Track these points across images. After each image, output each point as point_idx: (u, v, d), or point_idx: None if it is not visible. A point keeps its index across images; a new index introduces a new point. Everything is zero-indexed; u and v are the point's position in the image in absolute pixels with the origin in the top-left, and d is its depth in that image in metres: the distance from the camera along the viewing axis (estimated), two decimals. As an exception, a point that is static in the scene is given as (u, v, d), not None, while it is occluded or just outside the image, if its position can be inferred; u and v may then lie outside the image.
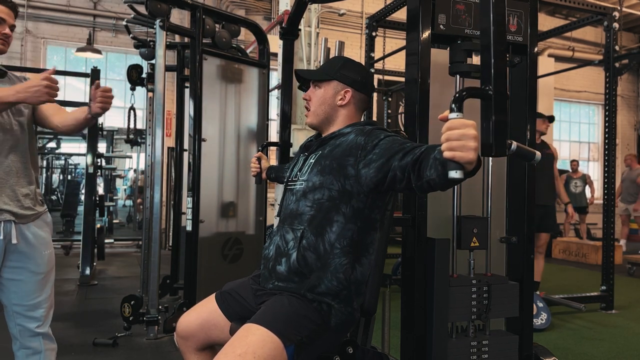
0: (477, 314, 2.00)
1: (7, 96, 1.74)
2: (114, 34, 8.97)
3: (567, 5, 4.49)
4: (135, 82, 4.60)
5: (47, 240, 1.98)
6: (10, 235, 1.86)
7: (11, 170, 1.88)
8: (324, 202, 1.56)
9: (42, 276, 1.95)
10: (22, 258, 1.90)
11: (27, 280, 1.91)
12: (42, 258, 1.95)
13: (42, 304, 1.95)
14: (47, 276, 1.98)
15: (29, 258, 1.91)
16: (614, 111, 4.63)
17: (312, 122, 1.74)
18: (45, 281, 1.97)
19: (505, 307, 2.06)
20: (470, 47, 2.03)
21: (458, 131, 1.11)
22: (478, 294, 2.00)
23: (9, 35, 1.89)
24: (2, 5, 1.87)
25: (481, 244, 2.04)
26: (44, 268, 1.95)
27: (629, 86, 12.77)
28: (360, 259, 1.57)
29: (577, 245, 8.05)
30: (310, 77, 1.76)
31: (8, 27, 1.89)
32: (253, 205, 3.73)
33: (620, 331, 3.96)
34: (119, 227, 9.40)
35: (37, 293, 1.94)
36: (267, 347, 1.38)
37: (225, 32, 3.63)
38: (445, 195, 1.98)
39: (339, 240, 1.54)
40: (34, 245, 1.92)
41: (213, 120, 3.53)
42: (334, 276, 1.52)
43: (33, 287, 1.93)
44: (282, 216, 1.67)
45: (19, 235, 1.89)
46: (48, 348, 1.99)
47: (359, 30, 9.88)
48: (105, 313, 4.08)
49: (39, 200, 1.99)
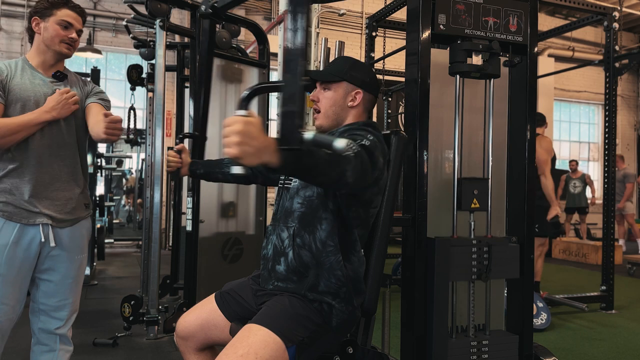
0: (478, 274, 2.00)
1: (40, 116, 1.85)
2: (114, 34, 8.97)
3: (567, 5, 4.49)
4: (135, 82, 4.61)
5: (82, 245, 2.02)
6: (48, 238, 1.90)
7: (57, 175, 1.93)
8: (314, 200, 1.56)
9: (71, 280, 1.98)
10: (55, 260, 1.94)
11: (57, 282, 1.95)
12: (73, 262, 1.98)
13: (66, 307, 1.99)
14: (76, 280, 2.01)
15: (61, 262, 1.95)
16: (614, 111, 4.63)
17: (323, 124, 1.71)
18: (74, 285, 2.00)
19: (506, 268, 2.06)
20: (470, 47, 2.03)
21: (228, 128, 1.10)
22: (478, 254, 2.01)
23: (76, 40, 1.95)
24: (70, 10, 1.93)
25: (481, 206, 2.05)
26: (74, 272, 1.99)
27: (629, 86, 12.77)
28: (348, 257, 1.56)
29: (577, 245, 8.05)
30: (320, 78, 1.72)
31: (75, 31, 1.95)
32: (253, 205, 3.73)
33: (620, 331, 3.96)
34: (119, 227, 9.40)
35: (63, 295, 1.97)
36: (268, 347, 1.38)
37: (225, 32, 3.63)
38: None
39: (331, 238, 1.53)
40: (69, 249, 1.96)
41: (213, 120, 3.53)
42: (331, 274, 1.52)
43: (61, 290, 1.97)
44: (278, 215, 1.67)
45: (56, 238, 1.92)
46: (63, 349, 2.01)
47: (359, 30, 9.89)
48: (105, 313, 4.08)
49: (83, 205, 2.03)
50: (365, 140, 1.50)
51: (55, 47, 1.92)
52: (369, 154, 1.44)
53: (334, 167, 1.29)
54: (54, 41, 1.91)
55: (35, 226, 1.89)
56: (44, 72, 1.96)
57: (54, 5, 1.92)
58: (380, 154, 1.51)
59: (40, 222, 1.89)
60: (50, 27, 1.91)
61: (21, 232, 1.87)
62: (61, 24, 1.91)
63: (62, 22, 1.91)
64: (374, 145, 1.50)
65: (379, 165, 1.50)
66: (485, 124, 2.17)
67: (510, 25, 2.12)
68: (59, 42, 1.92)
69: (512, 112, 2.27)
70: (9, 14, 8.30)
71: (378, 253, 1.66)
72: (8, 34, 8.30)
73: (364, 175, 1.41)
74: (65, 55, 1.97)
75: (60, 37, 1.91)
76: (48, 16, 1.91)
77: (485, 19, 2.07)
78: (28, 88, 1.90)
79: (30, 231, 1.88)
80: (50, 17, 1.91)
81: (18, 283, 1.88)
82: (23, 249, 1.87)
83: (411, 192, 2.03)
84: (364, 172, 1.41)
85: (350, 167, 1.33)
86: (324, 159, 1.26)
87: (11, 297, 1.87)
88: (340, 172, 1.30)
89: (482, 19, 2.07)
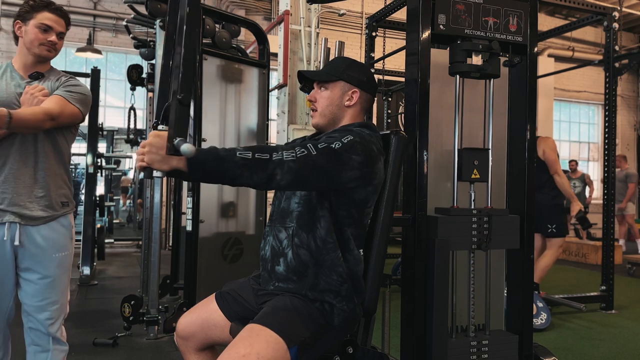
0: (478, 243, 2.01)
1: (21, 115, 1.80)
2: (114, 34, 8.97)
3: (567, 5, 4.49)
4: (136, 82, 4.61)
5: (60, 243, 1.99)
6: (14, 237, 1.89)
7: (23, 174, 1.91)
8: (311, 199, 1.56)
9: (50, 279, 1.95)
10: (31, 260, 1.93)
11: (36, 282, 1.94)
12: (51, 261, 1.96)
13: (49, 306, 1.96)
14: (58, 279, 1.98)
15: (37, 260, 1.93)
16: (614, 111, 4.63)
17: (319, 122, 1.72)
18: (56, 284, 1.97)
19: (506, 239, 2.07)
20: (470, 47, 2.03)
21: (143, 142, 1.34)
22: (479, 224, 2.01)
23: (56, 43, 1.96)
24: (51, 12, 1.94)
25: (482, 176, 2.06)
26: (53, 271, 1.96)
27: (629, 86, 12.77)
28: (345, 254, 1.57)
29: (577, 245, 8.05)
30: (316, 78, 1.73)
31: (55, 34, 1.95)
32: (253, 205, 3.73)
33: (620, 331, 3.96)
34: (119, 227, 9.40)
35: (44, 295, 1.95)
36: (270, 347, 1.38)
37: (225, 32, 3.63)
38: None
39: (330, 235, 1.54)
40: (43, 247, 1.94)
41: (213, 120, 3.53)
42: (332, 271, 1.52)
43: (41, 289, 1.94)
44: (274, 216, 1.67)
45: (26, 237, 1.91)
46: (56, 349, 2.00)
47: (359, 30, 9.89)
48: (105, 313, 4.08)
49: (60, 202, 2.00)
50: (337, 142, 1.49)
51: (35, 50, 1.94)
52: (334, 155, 1.46)
53: (256, 171, 1.37)
54: (33, 44, 1.93)
55: (1, 225, 1.88)
56: (24, 74, 1.98)
57: (34, 9, 1.93)
58: (360, 153, 1.50)
59: (7, 220, 1.88)
60: (30, 31, 1.93)
61: None
62: (40, 27, 1.93)
63: (42, 25, 1.93)
64: (349, 146, 1.49)
65: (352, 164, 1.49)
66: (485, 124, 2.17)
67: (510, 25, 2.12)
68: (38, 45, 1.93)
69: (512, 112, 2.27)
70: (9, 14, 8.29)
71: (378, 253, 1.65)
72: (8, 34, 8.30)
73: (315, 176, 1.44)
74: (45, 58, 1.98)
75: (39, 40, 1.93)
76: (29, 19, 1.93)
77: (485, 19, 2.07)
78: (3, 89, 1.92)
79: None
80: (31, 21, 1.93)
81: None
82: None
83: (411, 192, 2.03)
84: (315, 173, 1.44)
85: (283, 171, 1.38)
86: (240, 164, 1.36)
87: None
88: (269, 175, 1.38)
89: (482, 19, 2.07)
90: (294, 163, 1.40)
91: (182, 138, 1.30)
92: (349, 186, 1.52)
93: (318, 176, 1.46)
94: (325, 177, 1.47)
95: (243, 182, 1.39)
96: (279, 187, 1.43)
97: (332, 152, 1.47)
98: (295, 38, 4.91)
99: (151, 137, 1.32)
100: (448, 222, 1.98)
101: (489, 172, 2.08)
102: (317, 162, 1.44)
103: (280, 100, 5.01)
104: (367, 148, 1.54)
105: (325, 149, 1.46)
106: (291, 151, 1.42)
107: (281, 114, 4.97)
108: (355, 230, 1.59)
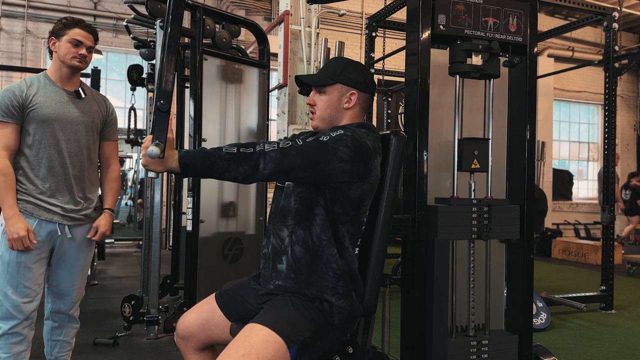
0: (478, 233, 2.01)
1: (7, 218, 2.07)
2: (114, 34, 8.97)
3: (567, 6, 4.49)
4: (136, 82, 4.61)
5: (91, 242, 2.33)
6: (64, 234, 2.21)
7: (78, 178, 2.23)
8: (307, 196, 1.57)
9: (79, 269, 2.31)
10: (67, 253, 2.25)
11: (67, 271, 2.28)
12: (83, 255, 2.30)
13: (74, 291, 2.32)
14: (83, 270, 2.34)
15: (72, 255, 2.26)
16: (614, 111, 4.63)
17: (318, 125, 1.72)
18: (81, 274, 2.33)
19: (506, 229, 2.08)
20: (470, 47, 2.03)
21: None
22: (479, 214, 2.02)
23: (86, 55, 2.23)
24: (81, 29, 2.21)
25: (482, 166, 2.07)
26: (82, 264, 2.32)
27: (629, 86, 12.78)
28: (341, 252, 1.57)
29: (576, 245, 8.05)
30: (313, 83, 1.72)
31: (85, 48, 2.22)
32: (253, 205, 3.73)
33: (620, 331, 3.96)
34: (119, 227, 9.40)
35: (72, 282, 2.30)
36: (270, 347, 1.38)
37: (225, 33, 3.64)
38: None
39: (324, 232, 1.54)
40: (79, 245, 2.27)
41: (213, 120, 3.53)
42: (328, 267, 1.53)
43: (70, 277, 2.29)
44: (274, 215, 1.67)
45: (68, 234, 2.22)
46: (70, 326, 2.37)
47: (359, 30, 9.89)
48: (105, 313, 4.09)
49: (96, 206, 2.34)
50: (325, 136, 1.53)
51: (68, 62, 2.20)
52: (320, 144, 1.51)
53: (242, 163, 1.48)
54: (66, 57, 2.19)
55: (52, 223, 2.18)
56: (62, 85, 2.24)
57: (67, 26, 2.20)
58: (349, 146, 1.51)
59: (57, 220, 2.18)
60: (63, 45, 2.20)
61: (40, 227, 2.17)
62: (72, 42, 2.19)
63: (73, 41, 2.19)
64: (337, 138, 1.52)
65: (339, 155, 1.50)
66: (485, 124, 2.17)
67: (510, 25, 2.12)
68: (70, 58, 2.19)
69: (512, 112, 2.27)
70: (9, 14, 8.30)
71: (378, 253, 1.66)
72: (8, 34, 8.30)
73: (298, 165, 1.49)
74: (78, 68, 2.24)
75: (71, 53, 2.19)
76: (62, 35, 2.20)
77: (485, 19, 2.08)
78: (51, 104, 2.17)
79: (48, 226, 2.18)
80: (64, 37, 2.19)
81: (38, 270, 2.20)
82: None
83: (411, 192, 2.03)
84: (297, 162, 1.49)
85: (265, 161, 1.48)
86: (225, 158, 1.47)
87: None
88: (253, 165, 1.48)
89: (481, 19, 2.07)
90: (275, 152, 1.49)
91: (158, 142, 1.45)
92: (341, 180, 1.53)
93: (301, 165, 1.49)
94: (309, 166, 1.50)
95: (231, 175, 1.49)
96: (263, 177, 1.50)
97: (318, 142, 1.52)
98: (295, 38, 4.91)
99: (145, 142, 1.48)
100: (448, 211, 1.98)
101: (489, 162, 2.09)
102: (300, 151, 1.50)
103: (280, 100, 5.01)
104: (358, 142, 1.54)
105: (311, 141, 1.52)
106: (274, 143, 1.53)
107: (281, 114, 4.98)
108: (352, 228, 1.59)
